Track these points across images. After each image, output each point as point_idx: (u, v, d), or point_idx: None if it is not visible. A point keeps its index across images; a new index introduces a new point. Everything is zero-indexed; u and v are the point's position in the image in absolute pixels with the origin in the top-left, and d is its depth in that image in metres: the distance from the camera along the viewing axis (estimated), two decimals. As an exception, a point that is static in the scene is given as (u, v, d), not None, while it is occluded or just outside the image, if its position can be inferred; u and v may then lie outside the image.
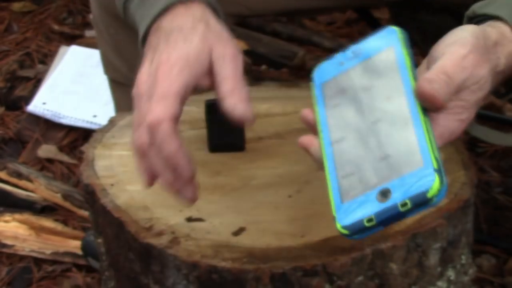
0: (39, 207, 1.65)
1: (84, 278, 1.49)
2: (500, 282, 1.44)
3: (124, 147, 0.97)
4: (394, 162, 0.59)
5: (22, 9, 2.44)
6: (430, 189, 0.57)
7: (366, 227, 0.59)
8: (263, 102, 1.08)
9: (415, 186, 0.57)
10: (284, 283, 0.75)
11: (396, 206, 0.57)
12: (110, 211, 0.84)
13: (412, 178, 0.57)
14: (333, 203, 0.62)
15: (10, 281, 1.50)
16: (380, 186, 0.58)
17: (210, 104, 0.94)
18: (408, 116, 0.61)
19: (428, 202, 0.57)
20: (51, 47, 2.23)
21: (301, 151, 0.95)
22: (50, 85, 1.99)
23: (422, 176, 0.57)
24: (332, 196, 0.62)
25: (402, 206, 0.57)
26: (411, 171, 0.58)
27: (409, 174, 0.57)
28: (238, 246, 0.78)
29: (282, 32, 2.31)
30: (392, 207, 0.57)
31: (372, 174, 0.60)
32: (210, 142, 0.96)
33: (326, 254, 0.75)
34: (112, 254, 0.88)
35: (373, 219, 0.58)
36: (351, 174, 0.61)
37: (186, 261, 0.76)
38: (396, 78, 0.63)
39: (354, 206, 0.59)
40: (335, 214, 0.61)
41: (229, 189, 0.88)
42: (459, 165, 0.90)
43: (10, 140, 1.90)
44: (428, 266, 0.81)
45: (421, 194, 0.56)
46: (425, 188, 0.57)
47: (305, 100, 1.08)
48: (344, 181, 0.61)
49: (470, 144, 1.71)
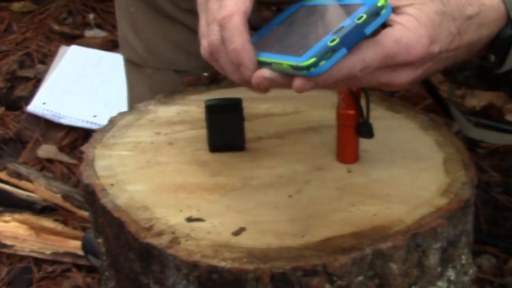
0: (39, 207, 1.65)
1: (84, 278, 1.49)
2: (500, 282, 1.44)
3: (124, 147, 0.97)
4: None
5: (22, 9, 2.45)
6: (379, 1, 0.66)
7: (331, 47, 0.64)
8: (263, 102, 1.08)
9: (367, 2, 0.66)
10: (284, 283, 0.75)
11: (353, 22, 0.65)
12: (110, 211, 0.84)
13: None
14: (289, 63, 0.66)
15: (10, 281, 1.50)
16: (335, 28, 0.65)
17: (210, 104, 0.94)
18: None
19: (380, 10, 0.65)
20: (51, 47, 2.23)
21: (301, 151, 0.96)
22: (50, 85, 1.99)
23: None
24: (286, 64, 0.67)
25: (358, 19, 0.65)
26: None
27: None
28: (238, 246, 0.78)
29: (282, 32, 2.31)
30: (350, 23, 0.65)
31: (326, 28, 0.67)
32: (210, 142, 0.96)
33: (326, 254, 0.75)
34: (112, 254, 0.88)
35: (335, 38, 0.64)
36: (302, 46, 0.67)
37: (186, 261, 0.76)
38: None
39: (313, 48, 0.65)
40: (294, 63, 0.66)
41: (229, 189, 0.88)
42: (459, 165, 0.91)
43: (10, 140, 1.90)
44: (428, 266, 0.81)
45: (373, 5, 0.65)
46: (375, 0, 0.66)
47: (305, 100, 1.08)
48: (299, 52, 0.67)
49: (470, 144, 1.71)
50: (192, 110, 1.07)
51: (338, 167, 0.91)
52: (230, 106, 0.94)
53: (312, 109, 1.06)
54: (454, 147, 0.94)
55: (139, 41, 1.27)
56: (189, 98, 1.10)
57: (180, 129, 1.02)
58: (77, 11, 2.43)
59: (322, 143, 0.97)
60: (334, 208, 0.83)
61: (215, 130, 0.95)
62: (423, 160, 0.92)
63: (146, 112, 1.07)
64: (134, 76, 1.33)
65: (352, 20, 0.65)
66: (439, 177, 0.88)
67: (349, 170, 0.91)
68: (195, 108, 1.07)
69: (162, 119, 1.04)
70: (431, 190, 0.86)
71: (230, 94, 1.05)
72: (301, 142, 0.97)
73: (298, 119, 1.03)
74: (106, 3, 2.46)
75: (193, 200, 0.86)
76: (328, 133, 0.98)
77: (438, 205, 0.83)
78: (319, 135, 0.99)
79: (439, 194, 0.85)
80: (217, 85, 1.13)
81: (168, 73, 1.28)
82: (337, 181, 0.89)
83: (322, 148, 0.96)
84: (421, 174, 0.89)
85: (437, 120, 1.01)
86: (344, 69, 0.67)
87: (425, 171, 0.90)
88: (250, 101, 1.08)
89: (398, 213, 0.82)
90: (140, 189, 0.88)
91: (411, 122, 1.01)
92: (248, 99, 1.08)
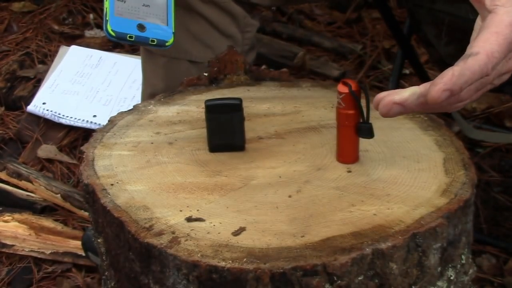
0: (39, 207, 1.66)
1: (84, 278, 1.49)
2: (500, 282, 1.44)
3: (124, 147, 0.97)
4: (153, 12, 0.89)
5: (22, 9, 2.45)
6: (169, 41, 0.89)
7: (127, 39, 0.87)
8: (263, 102, 1.08)
9: (161, 34, 0.88)
10: (284, 283, 0.75)
11: (148, 38, 0.88)
12: (110, 211, 0.84)
13: (161, 29, 0.89)
14: (109, 12, 0.87)
15: (10, 281, 1.50)
16: (141, 21, 0.87)
17: (210, 104, 0.94)
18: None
19: (164, 46, 0.89)
20: (51, 47, 2.23)
21: (301, 151, 0.96)
22: (50, 85, 1.99)
23: (166, 31, 0.89)
24: (108, 7, 0.87)
25: (151, 41, 0.88)
26: (162, 25, 0.89)
27: (159, 25, 0.89)
28: (238, 246, 0.78)
29: (282, 32, 2.31)
30: (145, 37, 0.87)
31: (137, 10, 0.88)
32: (210, 142, 0.96)
33: (326, 254, 0.75)
34: (112, 254, 0.88)
35: (133, 37, 0.87)
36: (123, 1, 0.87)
37: (186, 261, 0.76)
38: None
39: (123, 22, 0.87)
40: (108, 19, 0.86)
41: (229, 189, 0.88)
42: (459, 165, 0.91)
43: (10, 140, 1.90)
44: (428, 266, 0.81)
45: (163, 40, 0.89)
46: (167, 38, 0.89)
47: (305, 100, 1.08)
48: (118, 3, 0.87)
49: (470, 144, 1.71)
50: (192, 110, 1.07)
51: (338, 167, 0.91)
52: (230, 106, 0.94)
53: (312, 109, 1.06)
54: (454, 147, 0.94)
55: None
56: (189, 98, 1.10)
57: (180, 129, 1.02)
58: (77, 11, 2.43)
59: (322, 143, 0.97)
60: (334, 208, 0.83)
61: (215, 130, 0.95)
62: (423, 160, 0.92)
63: (146, 112, 1.07)
64: (149, 65, 1.34)
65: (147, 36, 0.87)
66: (439, 177, 0.88)
67: (349, 170, 0.91)
68: (195, 108, 1.07)
69: (162, 119, 1.04)
70: (431, 190, 0.86)
71: (230, 94, 1.05)
72: (301, 142, 0.97)
73: (298, 119, 1.03)
74: (106, 3, 2.46)
75: (193, 200, 0.86)
76: (328, 133, 0.98)
77: (438, 205, 0.83)
78: (319, 135, 0.99)
79: (439, 194, 0.85)
80: (217, 85, 1.13)
81: (183, 63, 1.29)
82: (337, 181, 0.89)
83: (322, 148, 0.96)
84: (421, 174, 0.89)
85: (437, 120, 1.01)
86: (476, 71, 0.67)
87: (425, 171, 0.89)
88: (250, 101, 1.08)
89: (398, 213, 0.82)
90: (140, 189, 0.88)
91: (411, 122, 1.01)
92: (248, 99, 1.08)
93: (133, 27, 0.87)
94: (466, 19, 1.06)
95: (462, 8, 1.20)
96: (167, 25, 0.89)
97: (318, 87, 1.12)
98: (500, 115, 1.85)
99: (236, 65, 1.14)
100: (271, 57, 2.14)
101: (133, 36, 0.87)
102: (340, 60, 2.23)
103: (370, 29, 2.33)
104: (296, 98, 1.09)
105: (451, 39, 1.34)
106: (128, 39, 0.87)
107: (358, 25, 2.38)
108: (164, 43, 0.88)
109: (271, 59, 2.13)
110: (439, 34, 1.35)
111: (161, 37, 0.88)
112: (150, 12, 0.88)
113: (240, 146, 0.96)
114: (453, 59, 0.82)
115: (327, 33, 2.36)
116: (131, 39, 0.87)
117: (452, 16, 1.29)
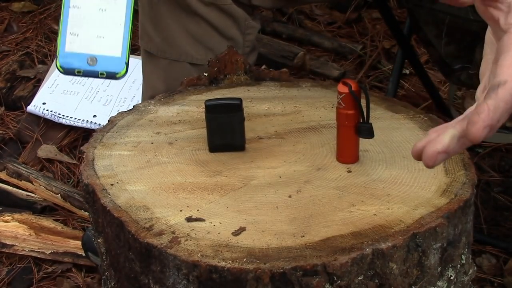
0: (39, 207, 1.65)
1: (84, 278, 1.49)
2: (500, 282, 1.44)
3: (124, 147, 0.97)
4: (105, 44, 0.88)
5: (22, 9, 2.45)
6: (120, 72, 0.87)
7: (76, 74, 0.87)
8: (263, 102, 1.08)
9: (112, 66, 0.87)
10: (284, 283, 0.75)
11: (97, 71, 0.87)
12: (110, 211, 0.84)
13: (113, 60, 0.87)
14: (59, 48, 0.88)
15: (10, 281, 1.50)
16: (92, 54, 0.87)
17: (210, 104, 0.94)
18: (123, 22, 0.89)
19: (116, 78, 0.88)
20: (51, 47, 2.23)
21: (301, 151, 0.96)
22: (50, 85, 1.99)
23: (119, 62, 0.87)
24: (59, 43, 0.88)
25: (100, 74, 0.87)
26: (114, 55, 0.87)
27: (112, 57, 0.87)
28: (238, 246, 0.78)
29: (282, 32, 2.31)
30: (94, 71, 0.87)
31: (90, 43, 0.88)
32: (210, 142, 0.96)
33: (326, 254, 0.75)
34: (112, 254, 0.88)
35: (81, 71, 0.87)
36: (75, 35, 0.88)
37: (186, 261, 0.76)
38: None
39: (73, 57, 0.87)
40: (58, 55, 0.87)
41: (229, 189, 0.88)
42: (459, 165, 0.91)
43: (10, 140, 1.90)
44: (428, 266, 0.81)
45: (114, 72, 0.87)
46: (118, 70, 0.87)
47: (305, 100, 1.08)
48: (71, 37, 0.88)
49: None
50: (192, 110, 1.07)
51: (338, 167, 0.91)
52: (230, 106, 0.94)
53: (312, 109, 1.06)
54: (454, 147, 0.94)
55: (158, 31, 1.28)
56: (189, 98, 1.10)
57: (180, 129, 1.02)
58: (77, 11, 2.43)
59: (322, 143, 0.97)
60: (334, 208, 0.83)
61: (215, 130, 0.95)
62: (423, 160, 0.92)
63: (146, 112, 1.07)
64: (150, 67, 1.34)
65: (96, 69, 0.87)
66: (439, 177, 0.88)
67: (349, 170, 0.91)
68: (195, 108, 1.07)
69: (162, 119, 1.04)
70: (431, 190, 0.86)
71: (230, 94, 1.05)
72: (301, 142, 0.97)
73: (298, 119, 1.03)
74: (106, 3, 2.46)
75: (193, 200, 0.86)
76: (328, 133, 0.98)
77: (438, 205, 0.83)
78: (319, 135, 0.99)
79: (439, 194, 0.85)
80: (217, 85, 1.13)
81: (184, 65, 1.29)
82: (337, 181, 0.89)
83: (322, 148, 0.96)
84: (421, 174, 0.89)
85: (437, 120, 1.01)
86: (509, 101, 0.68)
87: (425, 171, 0.89)
88: (250, 101, 1.08)
89: (398, 213, 0.82)
90: (140, 189, 0.88)
91: (411, 122, 1.01)
92: (248, 99, 1.08)
93: (83, 61, 0.87)
94: (466, 19, 1.06)
95: (462, 9, 1.20)
96: (121, 56, 0.88)
97: (318, 87, 1.12)
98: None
99: (236, 65, 1.14)
100: (271, 57, 2.14)
101: (81, 70, 0.87)
102: (340, 60, 2.23)
103: (370, 29, 2.33)
104: (296, 98, 1.09)
105: (452, 39, 1.34)
106: (76, 74, 0.88)
107: (358, 25, 2.38)
108: (115, 75, 0.87)
109: (271, 59, 2.13)
110: (439, 34, 1.35)
111: (111, 69, 0.87)
112: (104, 43, 0.88)
113: (240, 146, 0.96)
114: (453, 59, 0.82)
115: (327, 33, 2.36)
116: (79, 74, 0.88)
117: (452, 16, 1.29)
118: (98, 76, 0.88)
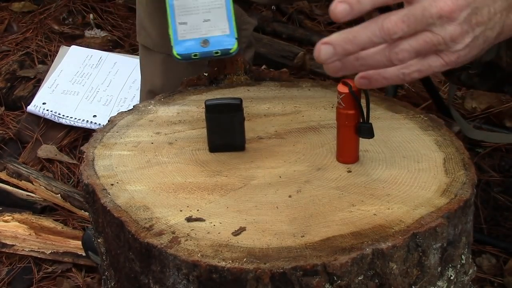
0: (39, 207, 1.65)
1: (84, 278, 1.49)
2: (500, 282, 1.44)
3: (124, 147, 0.97)
4: (213, 26, 0.95)
5: (22, 9, 2.45)
6: (232, 47, 0.94)
7: (192, 58, 0.94)
8: (263, 102, 1.08)
9: (224, 44, 0.94)
10: (284, 283, 0.75)
11: (212, 51, 0.94)
12: (110, 211, 0.84)
13: (224, 38, 0.94)
14: (172, 38, 0.94)
15: (10, 281, 1.50)
16: (204, 37, 0.94)
17: (210, 104, 0.94)
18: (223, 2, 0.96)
19: (230, 53, 0.94)
20: (51, 47, 2.23)
21: (301, 151, 0.96)
22: (50, 85, 1.99)
23: (230, 39, 0.94)
24: (171, 34, 0.94)
25: (215, 53, 0.94)
26: (224, 34, 0.95)
27: (222, 36, 0.94)
28: (238, 246, 0.78)
29: (282, 32, 2.31)
30: (209, 51, 0.94)
31: (199, 28, 0.95)
32: (210, 142, 0.96)
33: (326, 254, 0.75)
34: (112, 254, 0.88)
35: (197, 55, 0.94)
36: (184, 23, 0.95)
37: (186, 261, 0.76)
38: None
39: (187, 43, 0.94)
40: (173, 45, 0.94)
41: (229, 189, 0.88)
42: (459, 165, 0.91)
43: (10, 140, 1.90)
44: (428, 266, 0.81)
45: (227, 49, 0.94)
46: (230, 46, 0.94)
47: (305, 100, 1.08)
48: (181, 27, 0.95)
49: (470, 144, 1.71)
50: (192, 110, 1.07)
51: (338, 167, 0.91)
52: (230, 106, 0.94)
53: (312, 109, 1.06)
54: (454, 147, 0.94)
55: (154, 26, 1.29)
56: (189, 98, 1.10)
57: (180, 129, 1.02)
58: (77, 11, 2.43)
59: (322, 143, 0.97)
60: (334, 208, 0.83)
61: (215, 130, 0.95)
62: (423, 160, 0.92)
63: (146, 112, 1.07)
64: (147, 62, 1.35)
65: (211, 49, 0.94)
66: (439, 177, 0.88)
67: (349, 170, 0.91)
68: (195, 108, 1.07)
69: (162, 119, 1.04)
70: (431, 190, 0.86)
71: (230, 94, 1.06)
72: (301, 142, 0.97)
73: (298, 119, 1.03)
74: (106, 3, 2.46)
75: (193, 200, 0.86)
76: (328, 133, 0.99)
77: (438, 205, 0.83)
78: (319, 135, 0.99)
79: (439, 194, 0.85)
80: (217, 85, 1.13)
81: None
82: (337, 181, 0.89)
83: (322, 148, 0.96)
84: (421, 174, 0.89)
85: (437, 120, 1.01)
86: None
87: (425, 171, 0.90)
88: (250, 101, 1.08)
89: (398, 213, 0.82)
90: (140, 189, 0.88)
91: (411, 122, 1.01)
92: (248, 99, 1.08)
93: (197, 45, 0.93)
94: None
95: None
96: (229, 33, 0.95)
97: (318, 87, 1.12)
98: (500, 115, 1.85)
99: (236, 65, 1.14)
100: (271, 57, 2.14)
101: (197, 54, 0.93)
102: (340, 60, 2.22)
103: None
104: (296, 98, 1.09)
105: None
106: (193, 57, 0.93)
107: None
108: (228, 51, 0.94)
109: (271, 59, 2.13)
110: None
111: (224, 46, 0.94)
112: (212, 25, 0.94)
113: (240, 146, 0.96)
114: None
115: (327, 33, 2.35)
116: (196, 57, 0.93)
117: None
118: (213, 56, 0.94)
